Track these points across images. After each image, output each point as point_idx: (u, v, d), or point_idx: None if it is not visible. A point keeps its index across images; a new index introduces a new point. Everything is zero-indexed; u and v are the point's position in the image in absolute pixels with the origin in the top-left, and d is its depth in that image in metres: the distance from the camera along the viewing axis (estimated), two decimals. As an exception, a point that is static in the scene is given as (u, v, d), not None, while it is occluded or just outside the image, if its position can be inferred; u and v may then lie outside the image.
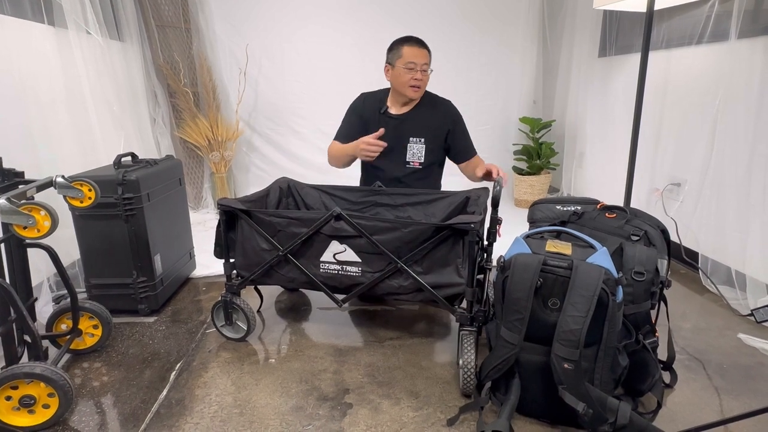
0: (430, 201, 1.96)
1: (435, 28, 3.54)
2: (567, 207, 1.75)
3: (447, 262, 1.49)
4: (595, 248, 1.28)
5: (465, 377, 1.40)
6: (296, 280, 1.65)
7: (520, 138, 3.70)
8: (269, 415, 1.36)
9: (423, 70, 1.97)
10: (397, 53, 1.98)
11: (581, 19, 3.28)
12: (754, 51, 1.92)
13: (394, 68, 2.00)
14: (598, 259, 1.22)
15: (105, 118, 2.50)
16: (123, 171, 1.79)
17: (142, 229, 1.84)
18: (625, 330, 1.37)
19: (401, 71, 1.97)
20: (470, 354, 1.40)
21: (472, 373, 1.40)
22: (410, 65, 1.95)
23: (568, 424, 1.29)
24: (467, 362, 1.40)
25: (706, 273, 2.14)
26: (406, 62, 1.96)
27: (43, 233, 1.23)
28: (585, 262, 1.21)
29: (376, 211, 2.00)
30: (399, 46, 1.98)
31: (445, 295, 1.50)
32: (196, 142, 3.37)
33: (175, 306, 2.05)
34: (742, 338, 1.71)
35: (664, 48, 2.47)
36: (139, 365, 1.62)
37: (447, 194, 1.94)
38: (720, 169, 2.10)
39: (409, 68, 1.96)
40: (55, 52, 2.19)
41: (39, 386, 1.27)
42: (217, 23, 3.42)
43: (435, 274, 1.51)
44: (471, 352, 1.41)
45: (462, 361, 1.41)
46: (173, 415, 1.37)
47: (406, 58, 1.96)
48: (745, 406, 1.37)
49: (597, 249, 1.27)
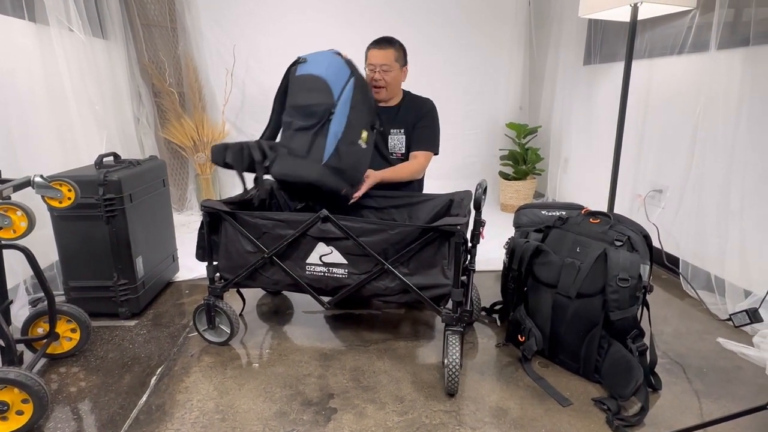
0: (414, 203, 1.97)
1: (423, 32, 3.57)
2: (552, 212, 1.78)
3: (433, 264, 1.51)
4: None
5: (450, 376, 1.41)
6: (281, 282, 1.64)
7: (507, 143, 3.74)
8: (252, 421, 1.34)
9: (383, 70, 2.02)
10: (366, 55, 2.08)
11: (567, 28, 3.33)
12: (733, 61, 1.97)
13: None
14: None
15: (87, 118, 2.46)
16: (104, 171, 1.76)
17: (123, 230, 1.80)
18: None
19: (366, 72, 2.05)
20: (455, 353, 1.42)
21: (457, 373, 1.41)
22: (370, 66, 2.05)
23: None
24: (452, 361, 1.40)
25: (687, 278, 2.18)
26: (368, 64, 2.06)
27: (19, 234, 1.20)
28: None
29: (361, 213, 2.01)
30: (366, 50, 2.08)
31: (431, 296, 1.51)
32: (181, 143, 3.33)
33: (156, 309, 2.01)
34: (721, 342, 1.74)
35: (647, 57, 2.51)
36: (118, 370, 1.58)
37: (431, 197, 1.97)
38: (700, 176, 2.15)
39: (370, 69, 2.04)
40: (35, 49, 2.14)
41: (12, 392, 1.23)
42: (204, 23, 3.38)
43: (421, 275, 1.52)
44: (456, 351, 1.42)
45: (447, 360, 1.42)
46: (153, 421, 1.34)
47: (368, 60, 2.06)
48: (724, 410, 1.39)
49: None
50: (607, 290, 1.41)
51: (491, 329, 1.86)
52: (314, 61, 1.72)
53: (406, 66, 2.12)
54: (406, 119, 2.12)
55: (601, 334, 1.46)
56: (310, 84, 1.67)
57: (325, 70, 1.68)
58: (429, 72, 3.63)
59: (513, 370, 1.58)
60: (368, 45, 2.08)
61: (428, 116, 2.14)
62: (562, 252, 1.55)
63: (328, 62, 1.71)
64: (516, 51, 3.69)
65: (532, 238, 1.66)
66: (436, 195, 1.97)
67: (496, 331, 1.84)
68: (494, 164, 3.76)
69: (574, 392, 1.47)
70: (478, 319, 1.91)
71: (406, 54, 2.12)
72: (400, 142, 2.12)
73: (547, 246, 1.59)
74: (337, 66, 1.71)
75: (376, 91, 2.05)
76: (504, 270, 1.80)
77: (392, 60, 2.03)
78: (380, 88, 2.05)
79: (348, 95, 1.68)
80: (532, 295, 1.63)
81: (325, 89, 1.65)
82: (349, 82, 1.71)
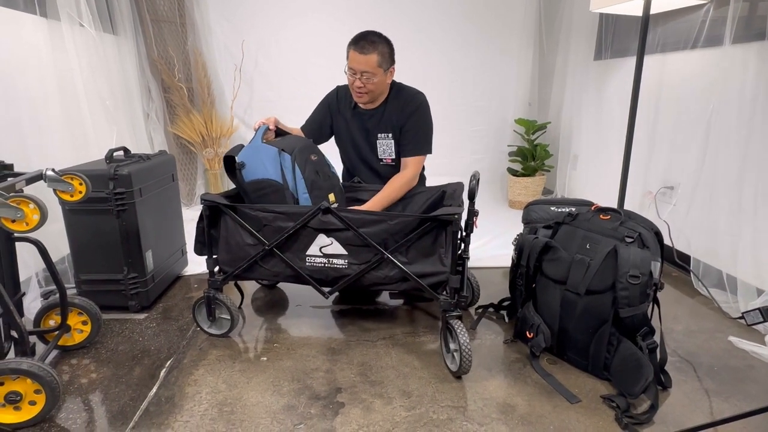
0: (408, 196, 1.98)
1: (432, 28, 3.55)
2: (561, 208, 1.76)
3: (431, 252, 1.55)
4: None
5: (465, 357, 1.45)
6: (282, 274, 1.66)
7: (515, 139, 3.71)
8: (260, 414, 1.35)
9: (365, 78, 1.82)
10: (347, 54, 1.87)
11: (577, 22, 3.29)
12: (748, 56, 1.93)
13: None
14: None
15: (97, 113, 2.47)
16: (115, 165, 1.77)
17: (133, 224, 1.82)
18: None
19: (347, 74, 1.88)
20: (464, 335, 1.46)
21: (471, 353, 1.45)
22: (350, 71, 1.85)
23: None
24: (464, 343, 1.45)
25: (698, 276, 2.15)
26: (348, 67, 1.86)
27: (31, 227, 1.21)
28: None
29: (355, 206, 2.00)
30: (347, 47, 1.86)
31: (430, 283, 1.55)
32: (190, 138, 3.35)
33: (166, 303, 2.02)
34: (733, 341, 1.72)
35: (659, 52, 2.48)
36: (128, 362, 1.60)
37: (423, 189, 2.00)
38: (712, 173, 2.12)
39: (351, 74, 1.85)
40: (47, 45, 2.16)
41: (25, 382, 1.25)
42: (213, 18, 3.39)
43: (420, 263, 1.56)
44: (465, 334, 1.47)
45: (457, 344, 1.47)
46: (162, 413, 1.36)
47: (348, 62, 1.85)
48: (735, 409, 1.38)
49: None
50: (617, 287, 1.39)
51: (499, 326, 1.85)
52: (253, 164, 1.69)
53: (392, 66, 1.90)
54: (392, 121, 1.96)
55: (610, 332, 1.45)
56: (262, 189, 1.68)
57: (267, 170, 1.67)
58: (437, 68, 3.62)
59: (521, 367, 1.58)
60: (349, 42, 1.85)
61: (415, 115, 1.93)
62: (572, 248, 1.53)
63: (264, 158, 1.68)
64: (525, 46, 3.65)
65: (542, 234, 1.65)
66: (429, 187, 2.00)
67: (504, 328, 1.83)
68: (503, 160, 3.73)
69: (583, 389, 1.46)
70: (479, 307, 1.90)
71: (392, 52, 1.89)
72: (389, 148, 2.00)
73: (557, 242, 1.58)
74: (273, 158, 1.68)
75: (358, 96, 1.90)
76: (512, 266, 1.79)
77: (374, 66, 1.80)
78: (362, 94, 1.88)
79: (299, 176, 1.68)
80: (541, 292, 1.62)
81: (277, 187, 1.66)
82: (289, 164, 1.68)
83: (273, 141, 1.76)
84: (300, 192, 1.68)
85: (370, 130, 2.01)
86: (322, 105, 2.12)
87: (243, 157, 1.71)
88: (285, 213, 1.59)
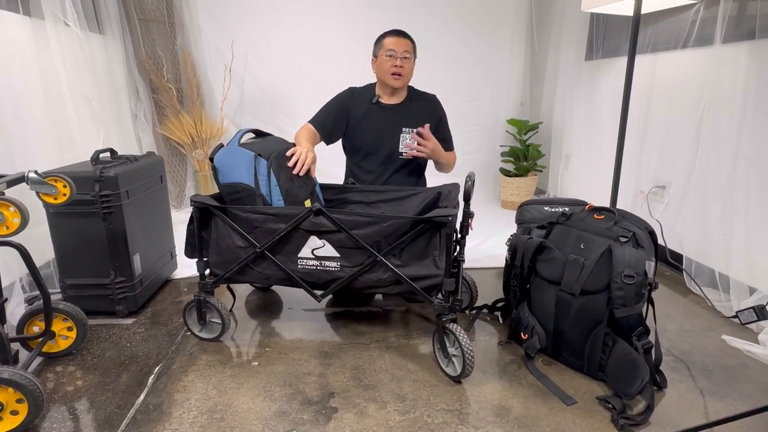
0: (402, 197, 1.97)
1: (424, 27, 3.52)
2: (555, 208, 1.75)
3: (425, 254, 1.52)
4: None
5: (468, 361, 1.43)
6: (273, 276, 1.63)
7: (508, 140, 3.71)
8: (251, 420, 1.32)
9: (404, 57, 1.99)
10: (380, 44, 2.04)
11: (569, 22, 3.30)
12: (738, 56, 1.94)
13: (377, 59, 2.04)
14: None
15: (83, 113, 2.42)
16: (101, 167, 1.73)
17: (120, 227, 1.78)
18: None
19: (383, 60, 2.01)
20: (465, 338, 1.44)
21: (473, 356, 1.44)
22: (390, 52, 1.99)
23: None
24: (466, 346, 1.43)
25: (691, 275, 2.16)
26: (387, 50, 2.00)
27: (12, 230, 1.17)
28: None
29: (350, 208, 2.00)
30: (381, 38, 2.05)
31: (424, 286, 1.52)
32: (179, 139, 3.30)
33: (154, 307, 1.98)
34: (726, 340, 1.72)
35: (650, 52, 2.49)
36: (115, 369, 1.56)
37: (419, 191, 1.98)
38: (704, 172, 2.12)
39: (389, 56, 2.00)
40: (30, 44, 2.11)
41: (7, 391, 1.21)
42: (202, 18, 3.35)
43: (413, 266, 1.53)
44: (465, 336, 1.45)
45: (458, 348, 1.45)
46: (150, 420, 1.32)
47: (386, 47, 2.01)
48: (730, 408, 1.38)
49: None
50: (612, 287, 1.38)
51: (493, 327, 1.84)
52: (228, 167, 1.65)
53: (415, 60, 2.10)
54: (419, 115, 2.07)
55: (605, 332, 1.44)
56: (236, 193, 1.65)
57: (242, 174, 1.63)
58: (429, 68, 3.58)
59: (516, 369, 1.56)
60: (383, 33, 2.05)
61: (445, 115, 2.16)
62: (566, 248, 1.52)
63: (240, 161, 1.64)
64: (517, 46, 3.66)
65: (535, 234, 1.64)
66: (423, 189, 1.99)
67: (498, 329, 1.82)
68: (495, 161, 3.73)
69: (578, 390, 1.45)
70: (477, 309, 1.89)
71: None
72: (411, 142, 2.04)
73: (551, 242, 1.57)
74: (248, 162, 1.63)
75: (395, 78, 2.00)
76: (506, 267, 1.78)
77: (411, 49, 2.02)
78: (399, 75, 2.00)
79: (274, 183, 1.64)
80: (536, 293, 1.61)
81: (250, 192, 1.62)
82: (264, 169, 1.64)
83: (250, 144, 1.71)
84: (275, 199, 1.64)
85: (394, 124, 2.07)
86: (337, 104, 2.11)
87: (218, 160, 1.67)
88: (276, 215, 1.56)
